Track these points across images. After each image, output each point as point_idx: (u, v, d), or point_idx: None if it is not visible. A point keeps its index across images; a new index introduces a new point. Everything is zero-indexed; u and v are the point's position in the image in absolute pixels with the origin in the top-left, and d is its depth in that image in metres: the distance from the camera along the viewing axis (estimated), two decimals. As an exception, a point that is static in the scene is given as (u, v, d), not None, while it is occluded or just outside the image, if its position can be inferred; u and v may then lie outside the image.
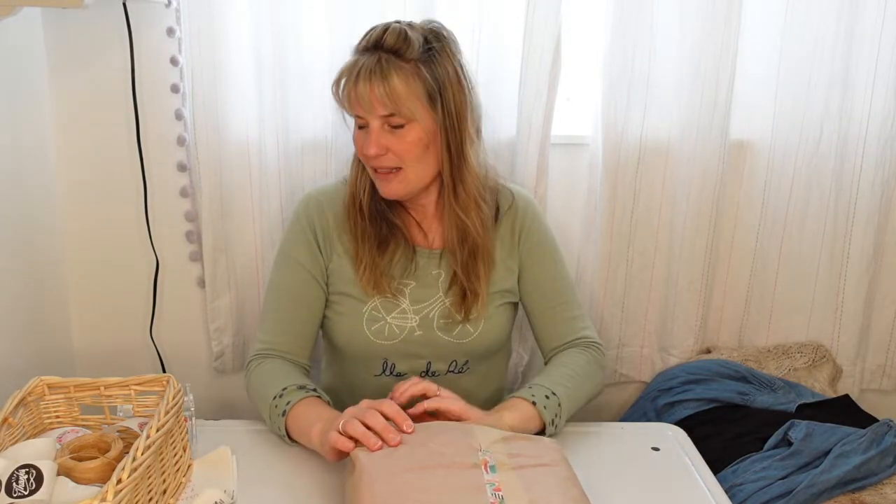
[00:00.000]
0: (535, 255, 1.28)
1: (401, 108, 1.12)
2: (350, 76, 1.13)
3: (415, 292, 1.23)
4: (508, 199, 1.28)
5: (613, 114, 1.52)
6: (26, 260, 1.41)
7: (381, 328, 1.21)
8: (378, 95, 1.11)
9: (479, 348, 1.25)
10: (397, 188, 1.18)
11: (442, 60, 1.14)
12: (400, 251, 1.23)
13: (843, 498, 1.24)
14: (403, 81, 1.11)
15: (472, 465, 0.92)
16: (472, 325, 1.23)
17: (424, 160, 1.17)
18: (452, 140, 1.16)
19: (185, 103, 1.48)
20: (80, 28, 1.44)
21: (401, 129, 1.14)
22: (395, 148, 1.15)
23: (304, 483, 1.04)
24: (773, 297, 1.67)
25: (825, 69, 1.52)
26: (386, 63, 1.11)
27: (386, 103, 1.11)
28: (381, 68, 1.10)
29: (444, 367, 1.25)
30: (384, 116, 1.13)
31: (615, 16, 1.47)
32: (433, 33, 1.16)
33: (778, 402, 1.49)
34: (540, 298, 1.28)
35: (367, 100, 1.11)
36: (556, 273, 1.29)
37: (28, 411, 0.99)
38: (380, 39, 1.12)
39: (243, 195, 1.51)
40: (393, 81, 1.10)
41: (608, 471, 1.09)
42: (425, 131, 1.14)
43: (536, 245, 1.28)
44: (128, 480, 0.79)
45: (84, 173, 1.51)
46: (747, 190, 1.62)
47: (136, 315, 1.60)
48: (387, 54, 1.11)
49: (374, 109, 1.12)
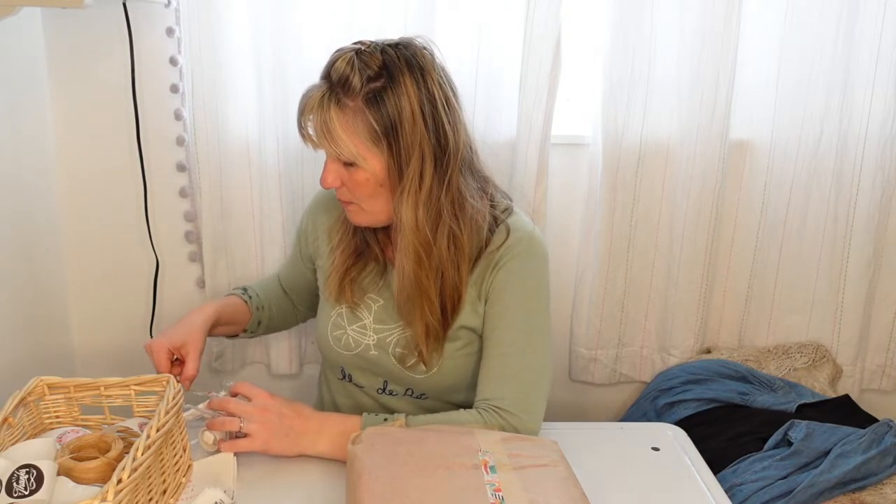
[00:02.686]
0: (497, 293, 1.10)
1: (340, 149, 1.03)
2: (299, 106, 1.06)
3: (379, 312, 1.18)
4: (500, 239, 1.11)
5: (613, 114, 1.52)
6: (26, 260, 1.41)
7: (340, 336, 1.20)
8: (318, 132, 1.04)
9: (435, 387, 1.17)
10: (360, 218, 1.13)
11: (397, 95, 1.01)
12: (372, 265, 1.20)
13: (843, 498, 1.24)
14: (342, 122, 1.02)
15: (472, 466, 0.93)
16: (426, 364, 1.14)
17: (381, 197, 1.08)
18: (412, 184, 1.04)
19: (184, 103, 1.48)
20: (80, 28, 1.44)
21: (350, 167, 1.06)
22: (347, 184, 1.08)
23: (304, 483, 1.04)
24: (773, 297, 1.67)
25: (825, 69, 1.52)
26: (328, 99, 1.02)
27: (322, 142, 1.04)
28: (322, 105, 1.02)
29: (400, 390, 1.20)
30: (330, 152, 1.06)
31: (615, 16, 1.47)
32: (400, 60, 1.02)
33: (778, 402, 1.49)
34: (488, 344, 1.11)
35: (308, 136, 1.06)
36: (517, 319, 1.10)
37: (28, 411, 0.99)
38: (328, 70, 1.04)
39: (243, 195, 1.51)
40: (331, 121, 1.02)
41: (608, 471, 1.09)
42: (373, 173, 1.05)
43: (504, 285, 1.10)
44: (128, 480, 0.79)
45: (84, 173, 1.52)
46: (747, 190, 1.62)
47: (136, 315, 1.60)
48: (335, 87, 1.02)
49: (316, 145, 1.06)
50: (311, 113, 1.04)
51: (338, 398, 1.28)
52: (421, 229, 1.06)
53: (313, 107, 1.03)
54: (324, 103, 1.02)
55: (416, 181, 1.04)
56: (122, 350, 1.61)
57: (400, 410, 1.21)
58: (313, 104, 1.03)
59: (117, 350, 1.61)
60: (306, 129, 1.07)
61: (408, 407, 1.21)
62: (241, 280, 1.56)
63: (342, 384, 1.26)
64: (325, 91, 1.03)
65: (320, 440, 1.06)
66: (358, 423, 1.07)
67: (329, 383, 1.30)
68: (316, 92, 1.04)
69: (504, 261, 1.10)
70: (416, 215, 1.06)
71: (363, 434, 1.00)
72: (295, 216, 1.51)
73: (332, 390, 1.29)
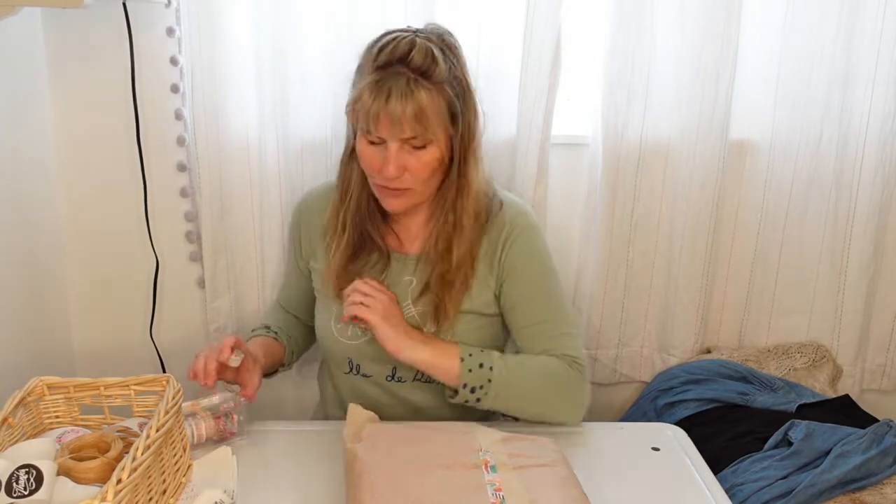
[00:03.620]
0: (515, 270, 1.20)
1: (427, 131, 1.08)
2: (378, 96, 1.06)
3: None
4: (494, 210, 1.22)
5: (613, 114, 1.52)
6: (26, 260, 1.41)
7: (345, 327, 1.22)
8: (408, 118, 1.06)
9: None
10: (403, 203, 1.17)
11: (459, 76, 1.12)
12: (375, 255, 1.23)
13: (843, 498, 1.24)
14: (432, 105, 1.08)
15: (472, 465, 0.93)
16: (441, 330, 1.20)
17: (435, 177, 1.15)
18: (462, 155, 1.14)
19: (184, 103, 1.48)
20: (80, 28, 1.44)
21: (420, 150, 1.11)
22: (412, 168, 1.11)
23: (304, 483, 1.04)
24: (773, 297, 1.67)
25: (825, 69, 1.52)
26: (415, 85, 1.06)
27: (415, 127, 1.07)
28: (410, 91, 1.06)
29: (409, 375, 1.23)
30: (406, 138, 1.09)
31: (615, 16, 1.47)
32: (448, 46, 1.12)
33: (778, 402, 1.49)
34: (520, 315, 1.21)
35: (397, 122, 1.07)
36: (540, 289, 1.21)
37: (28, 411, 0.99)
38: (405, 57, 1.07)
39: (243, 195, 1.51)
40: (424, 105, 1.07)
41: (608, 471, 1.09)
42: (441, 151, 1.12)
43: (519, 258, 1.20)
44: (128, 480, 0.79)
45: (84, 173, 1.51)
46: (747, 190, 1.62)
47: (136, 315, 1.60)
48: (414, 74, 1.07)
49: (402, 132, 1.08)
50: (397, 99, 1.06)
51: (343, 393, 1.29)
52: (483, 188, 1.18)
53: (402, 91, 1.06)
54: (412, 88, 1.06)
55: (476, 147, 1.15)
56: (122, 350, 1.61)
57: (409, 398, 1.24)
58: (401, 89, 1.06)
59: (117, 350, 1.61)
60: (384, 116, 1.07)
61: (416, 394, 1.23)
62: (241, 280, 1.56)
63: (349, 378, 1.26)
64: (406, 77, 1.06)
65: (424, 348, 1.14)
66: (457, 352, 1.13)
67: (334, 379, 1.31)
68: (395, 79, 1.06)
69: (512, 234, 1.20)
70: (479, 176, 1.17)
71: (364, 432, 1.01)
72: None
73: (338, 386, 1.30)
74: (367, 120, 1.09)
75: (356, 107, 1.10)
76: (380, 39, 1.11)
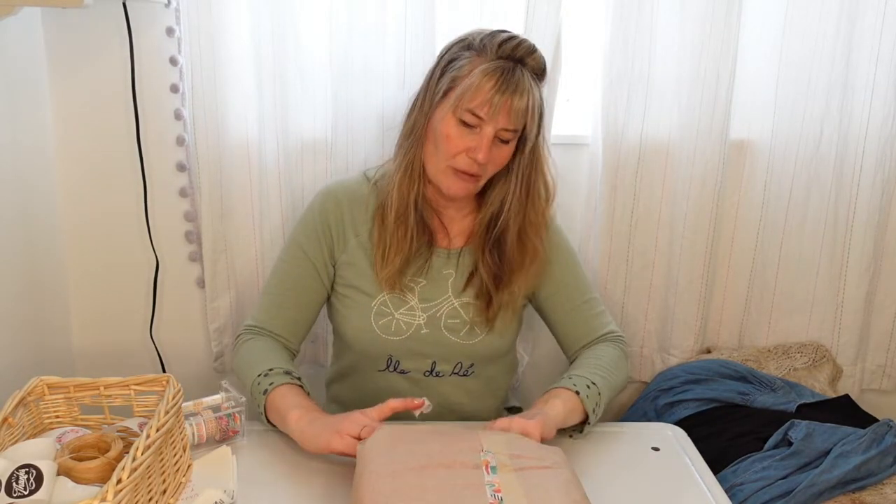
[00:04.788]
0: (550, 264, 1.28)
1: (528, 125, 1.15)
2: (504, 86, 1.11)
3: (424, 290, 1.24)
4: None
5: (613, 114, 1.52)
6: (26, 259, 1.41)
7: (389, 323, 1.22)
8: (523, 112, 1.13)
9: (485, 351, 1.25)
10: (472, 189, 1.20)
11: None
12: (423, 248, 1.24)
13: (844, 498, 1.24)
14: (540, 105, 1.16)
15: (473, 466, 0.93)
16: (479, 327, 1.24)
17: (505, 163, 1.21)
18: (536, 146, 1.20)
19: (184, 103, 1.48)
20: (80, 28, 1.44)
21: (504, 144, 1.17)
22: (494, 157, 1.17)
23: (305, 483, 1.04)
24: (773, 297, 1.67)
25: (825, 69, 1.52)
26: (531, 83, 1.14)
27: (523, 121, 1.14)
28: (529, 87, 1.13)
29: (448, 369, 1.26)
30: (503, 129, 1.14)
31: (615, 16, 1.47)
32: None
33: (778, 402, 1.49)
34: (564, 300, 1.30)
35: (514, 113, 1.12)
36: (577, 272, 1.31)
37: (28, 411, 0.99)
38: (526, 57, 1.14)
39: (243, 195, 1.51)
40: (538, 104, 1.15)
41: (608, 471, 1.09)
42: (513, 147, 1.19)
43: (556, 247, 1.29)
44: (128, 480, 0.79)
45: (84, 173, 1.51)
46: (747, 190, 1.62)
47: (135, 315, 1.60)
48: (530, 73, 1.14)
49: (510, 123, 1.13)
50: (521, 93, 1.11)
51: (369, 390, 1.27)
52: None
53: (526, 87, 1.12)
54: (530, 85, 1.13)
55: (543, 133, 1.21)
56: (122, 350, 1.61)
57: (444, 393, 1.25)
58: (526, 85, 1.12)
59: (117, 350, 1.61)
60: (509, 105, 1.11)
61: (452, 389, 1.26)
62: (240, 279, 1.56)
63: (382, 375, 1.26)
64: (525, 73, 1.13)
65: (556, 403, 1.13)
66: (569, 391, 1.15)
67: (366, 375, 1.27)
68: (518, 73, 1.12)
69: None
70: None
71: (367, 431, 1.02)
72: (295, 216, 1.50)
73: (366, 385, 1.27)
74: (480, 103, 1.11)
75: (465, 84, 1.12)
76: (499, 32, 1.15)
